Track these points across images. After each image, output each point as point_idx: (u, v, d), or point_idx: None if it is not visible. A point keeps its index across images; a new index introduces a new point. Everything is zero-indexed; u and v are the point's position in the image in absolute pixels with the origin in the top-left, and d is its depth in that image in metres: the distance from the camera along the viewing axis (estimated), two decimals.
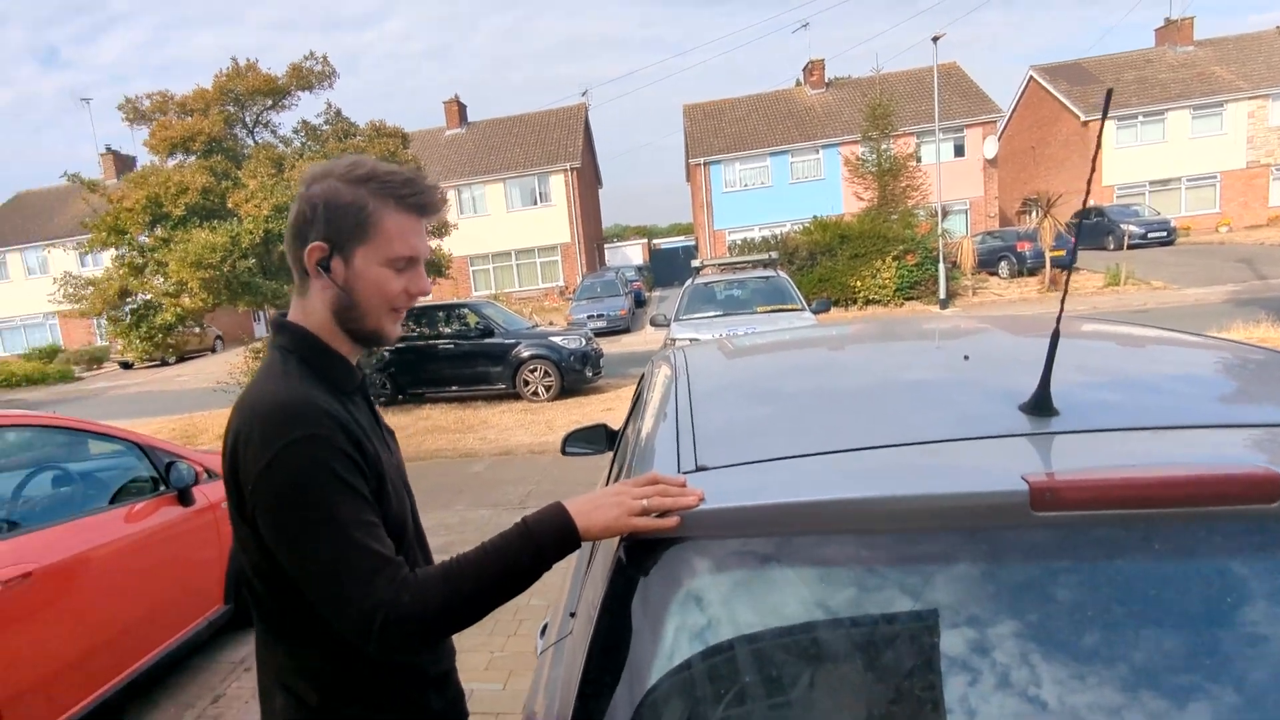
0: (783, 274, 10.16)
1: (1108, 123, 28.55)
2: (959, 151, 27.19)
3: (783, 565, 0.91)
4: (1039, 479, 0.85)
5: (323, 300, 1.11)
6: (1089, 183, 1.11)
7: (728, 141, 29.47)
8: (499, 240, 30.12)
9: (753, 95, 31.87)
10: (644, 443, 1.33)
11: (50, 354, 27.39)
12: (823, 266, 19.37)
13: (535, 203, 30.05)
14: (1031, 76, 32.42)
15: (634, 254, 40.33)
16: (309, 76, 11.09)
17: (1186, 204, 28.45)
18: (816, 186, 28.41)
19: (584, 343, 11.35)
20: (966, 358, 1.48)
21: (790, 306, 9.11)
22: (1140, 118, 28.81)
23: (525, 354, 10.93)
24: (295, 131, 11.72)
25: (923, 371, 1.51)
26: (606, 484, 2.34)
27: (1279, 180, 28.21)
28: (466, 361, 11.06)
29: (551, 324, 14.49)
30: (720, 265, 11.42)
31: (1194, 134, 28.55)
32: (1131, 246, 22.38)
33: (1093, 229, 23.91)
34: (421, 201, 1.11)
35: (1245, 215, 28.02)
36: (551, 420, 9.53)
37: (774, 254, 12.19)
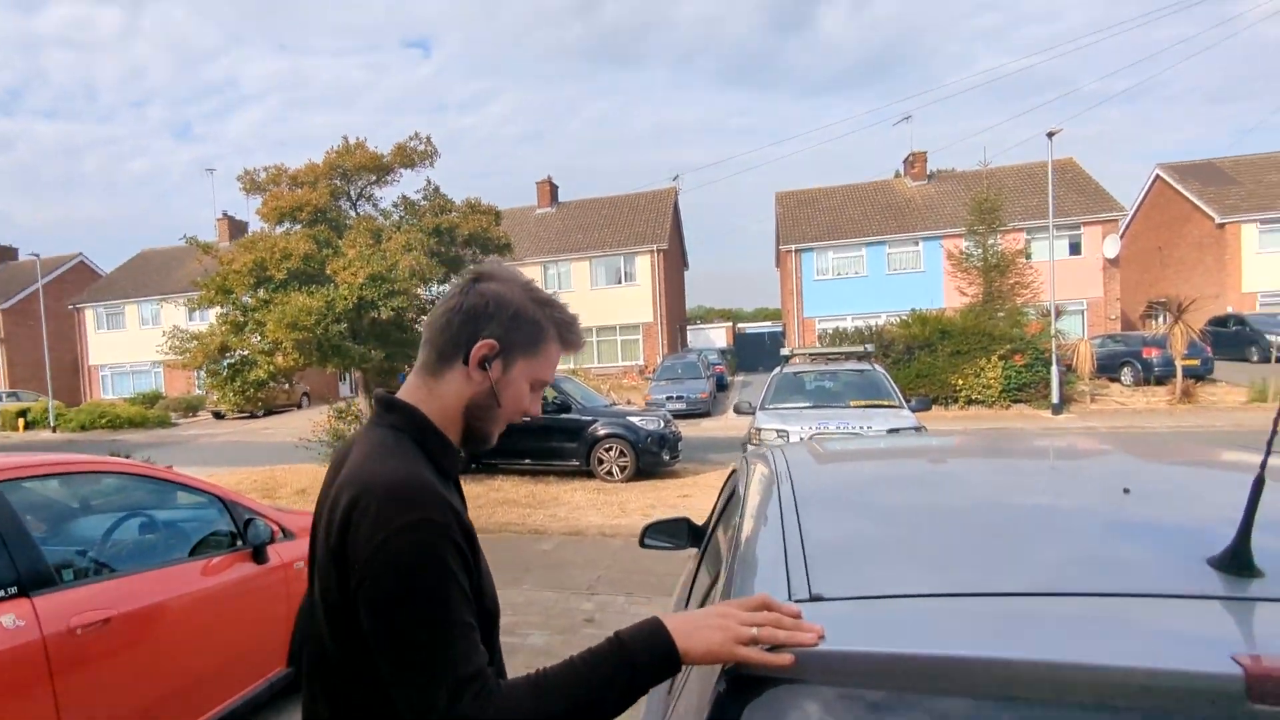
0: (879, 367, 9.96)
1: (1247, 226, 27.51)
2: (1075, 250, 26.46)
3: None
4: (1259, 662, 0.73)
5: (462, 390, 1.15)
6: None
7: (821, 229, 29.91)
8: (582, 316, 30.77)
9: (849, 185, 32.49)
10: (745, 556, 1.25)
11: (152, 400, 29.80)
12: (921, 361, 18.96)
13: (620, 281, 30.87)
14: (1158, 175, 31.62)
15: (717, 336, 40.48)
16: (412, 155, 11.97)
17: None
18: (915, 278, 28.21)
19: (662, 424, 11.33)
20: (1127, 491, 1.33)
21: (886, 402, 8.88)
22: None
23: (601, 432, 10.93)
24: (395, 205, 12.58)
25: (1073, 502, 1.37)
26: (690, 585, 2.19)
27: None
28: (542, 435, 11.09)
29: (630, 403, 14.56)
30: (811, 354, 11.27)
31: None
32: (1278, 360, 20.88)
33: (1233, 338, 22.46)
34: (576, 342, 1.23)
35: None
36: (625, 502, 9.45)
37: (869, 346, 11.97)
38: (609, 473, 10.92)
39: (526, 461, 11.38)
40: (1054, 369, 17.43)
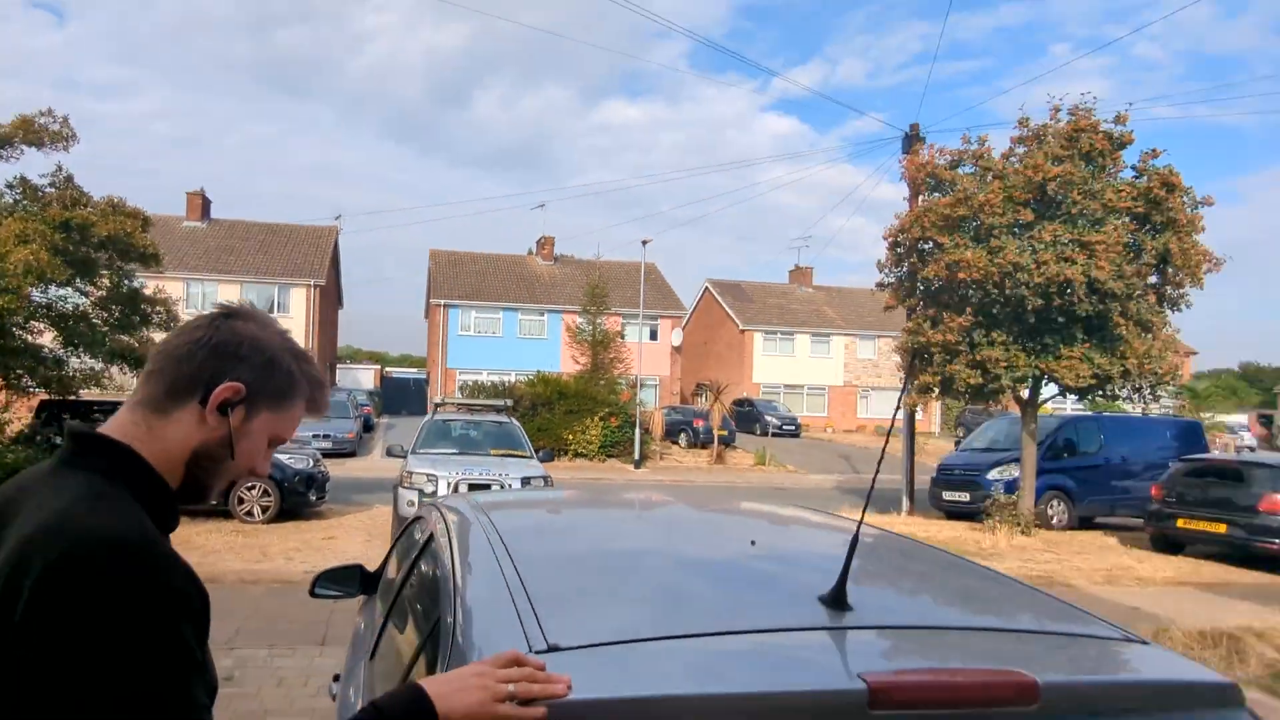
0: (515, 421, 10.49)
1: (758, 334, 35.53)
2: (653, 336, 31.31)
3: None
4: (878, 679, 0.89)
5: (191, 434, 0.92)
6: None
7: (467, 290, 31.44)
8: None
9: (492, 254, 34.66)
10: (470, 610, 1.18)
11: None
12: (542, 417, 20.32)
13: (273, 310, 27.46)
14: (707, 287, 39.13)
15: (365, 378, 38.16)
16: (41, 133, 9.30)
17: (807, 406, 35.66)
18: (540, 344, 30.93)
19: (311, 463, 10.44)
20: (753, 543, 1.54)
21: (520, 453, 9.32)
22: (779, 335, 36.24)
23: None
24: (10, 185, 9.57)
25: (721, 552, 1.58)
26: (376, 635, 2.04)
27: (864, 398, 36.98)
28: None
29: None
30: (458, 404, 11.42)
31: (812, 354, 36.69)
32: (773, 434, 27.13)
33: (747, 416, 28.59)
34: (323, 406, 1.05)
35: (843, 421, 36.00)
36: (266, 545, 8.46)
37: (508, 401, 12.60)
38: (249, 513, 9.76)
39: None
40: (637, 431, 20.23)
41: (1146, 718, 1.01)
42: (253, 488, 9.69)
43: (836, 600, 1.11)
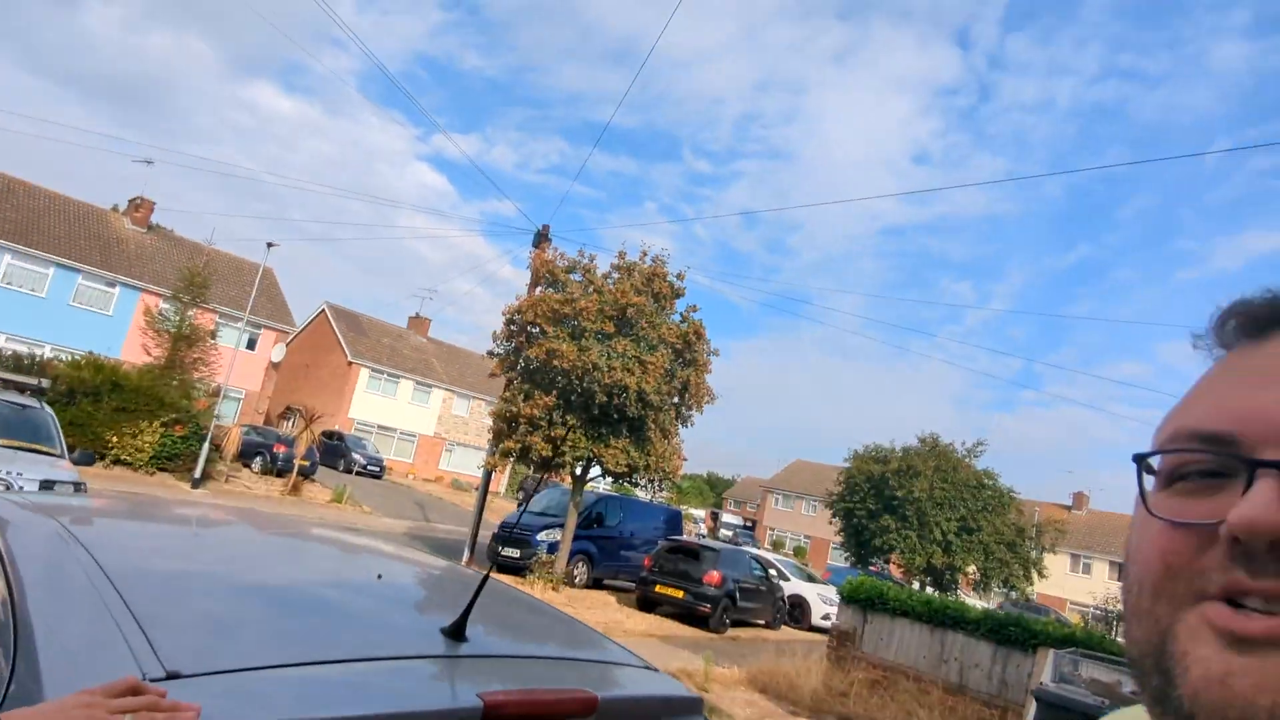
0: (47, 408, 8.68)
1: (365, 370, 34.91)
2: (252, 345, 28.51)
3: None
4: (491, 697, 1.06)
5: None
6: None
7: (9, 227, 24.20)
8: None
9: (62, 195, 27.30)
10: (58, 635, 1.04)
11: None
12: (81, 409, 16.80)
13: None
14: (324, 309, 37.31)
15: None
16: None
17: (396, 450, 35.88)
18: (101, 320, 25.42)
19: None
20: (380, 576, 1.66)
21: (45, 449, 7.73)
22: (385, 376, 36.17)
23: None
24: None
25: (347, 582, 1.63)
26: None
27: (450, 451, 38.67)
28: None
29: None
30: None
31: (413, 400, 37.39)
32: (357, 473, 26.79)
33: (334, 450, 27.69)
34: None
35: (426, 469, 37.02)
36: None
37: (46, 381, 10.82)
38: None
39: None
40: (205, 446, 18.09)
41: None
42: None
43: (457, 632, 1.27)
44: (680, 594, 13.37)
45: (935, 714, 8.37)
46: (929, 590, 22.16)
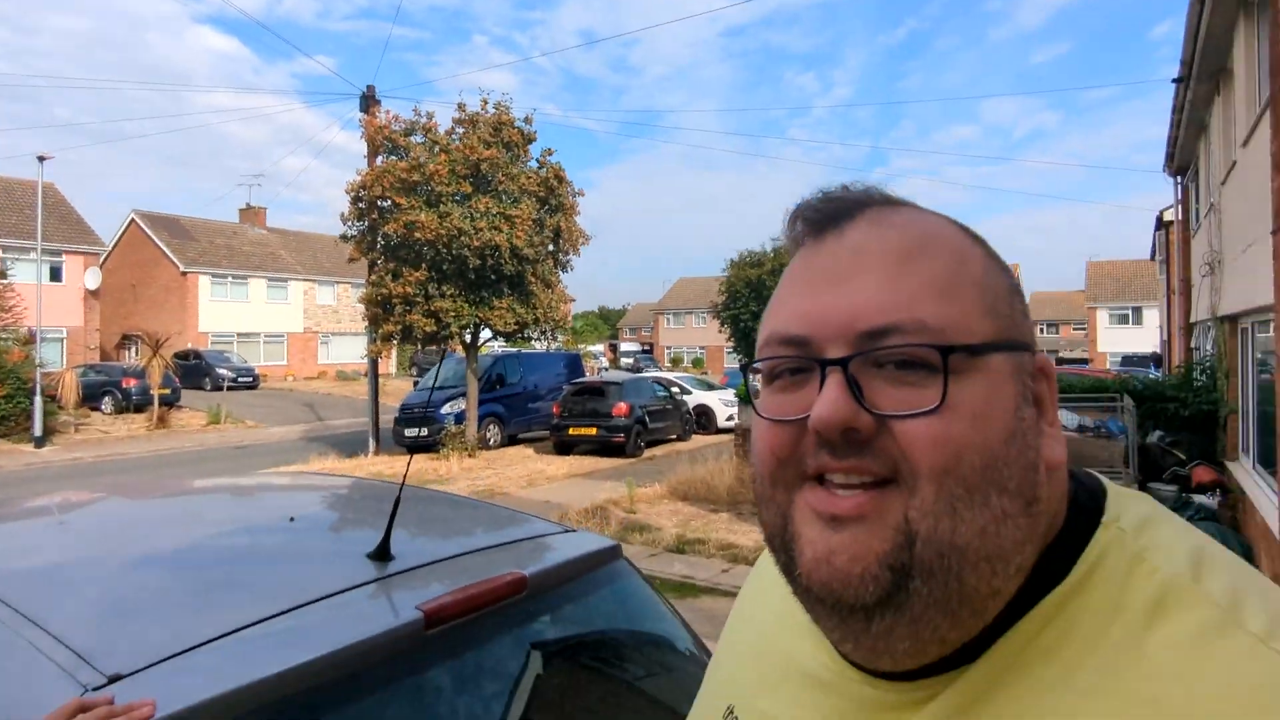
0: None
1: (204, 277, 31.54)
2: (56, 276, 24.94)
3: None
4: (429, 605, 1.14)
5: None
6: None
7: None
8: None
9: None
10: None
11: None
12: None
13: None
14: (134, 219, 32.78)
15: None
16: None
17: (265, 355, 33.58)
18: None
19: None
20: (292, 519, 1.67)
21: None
22: (230, 279, 33.04)
23: None
24: None
25: (263, 536, 1.61)
26: None
27: (326, 344, 36.66)
28: None
29: None
30: None
31: (269, 299, 34.59)
32: (228, 388, 25.03)
33: (194, 370, 25.58)
34: None
35: (304, 369, 35.08)
36: None
37: None
38: None
39: None
40: (37, 400, 16.26)
41: (583, 577, 1.50)
42: None
43: (382, 554, 1.32)
44: (593, 431, 13.88)
45: None
46: None
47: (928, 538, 0.44)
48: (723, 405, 18.35)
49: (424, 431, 14.69)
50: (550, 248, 14.41)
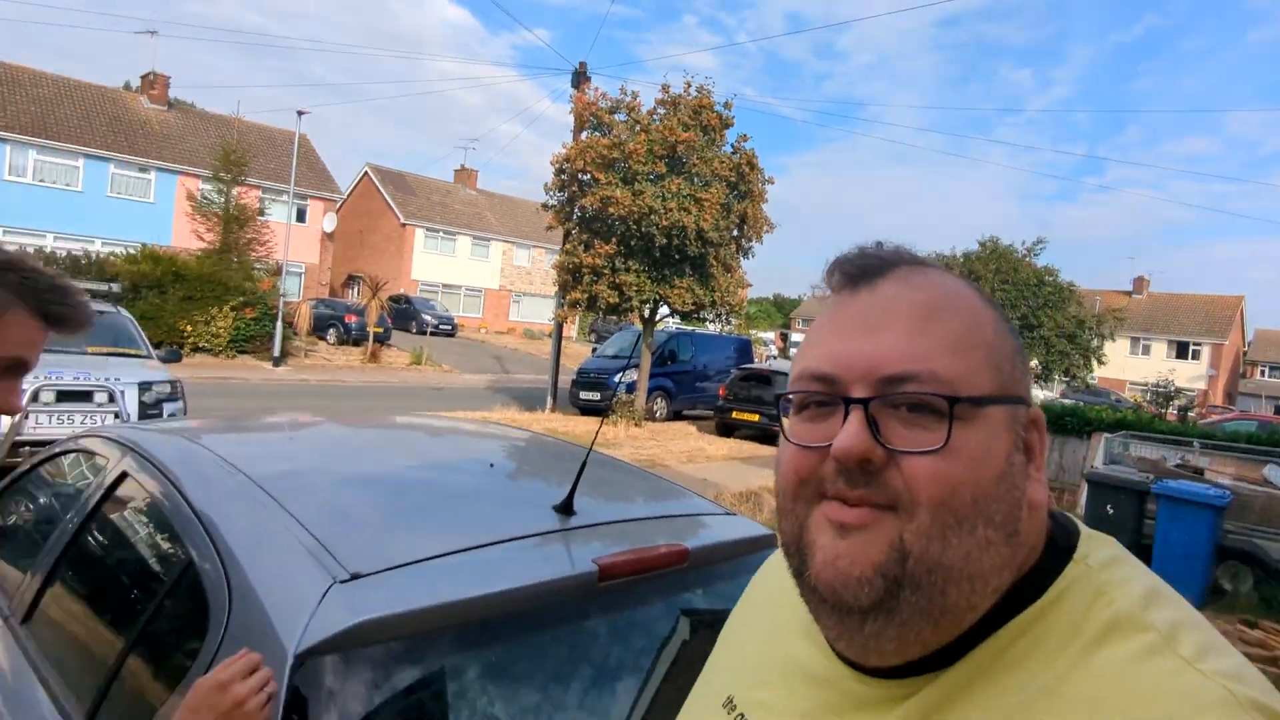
0: (124, 311, 8.69)
1: (419, 230, 34.89)
2: (301, 218, 28.61)
3: (442, 647, 1.11)
4: (603, 560, 1.24)
5: None
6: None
7: (24, 120, 23.53)
8: None
9: (71, 78, 26.32)
10: (244, 551, 1.20)
11: None
12: (148, 302, 17.36)
13: None
14: (367, 172, 36.91)
15: None
16: None
17: (464, 306, 36.72)
18: (142, 208, 25.37)
19: None
20: (492, 465, 1.83)
21: (132, 351, 7.91)
22: (441, 234, 36.28)
23: None
24: None
25: (467, 475, 1.80)
26: (9, 595, 1.80)
27: (517, 302, 39.36)
28: None
29: None
30: None
31: (473, 256, 37.62)
32: (430, 333, 27.67)
33: (403, 313, 28.56)
34: (64, 311, 0.95)
35: (496, 323, 37.99)
36: None
37: (115, 285, 10.98)
38: None
39: None
40: (279, 325, 18.79)
41: (737, 559, 1.57)
42: None
43: (566, 508, 1.44)
44: (756, 417, 13.88)
45: None
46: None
47: (919, 556, 0.52)
48: None
49: (597, 396, 15.52)
50: (734, 232, 14.42)
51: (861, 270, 0.59)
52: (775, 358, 33.54)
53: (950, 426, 0.52)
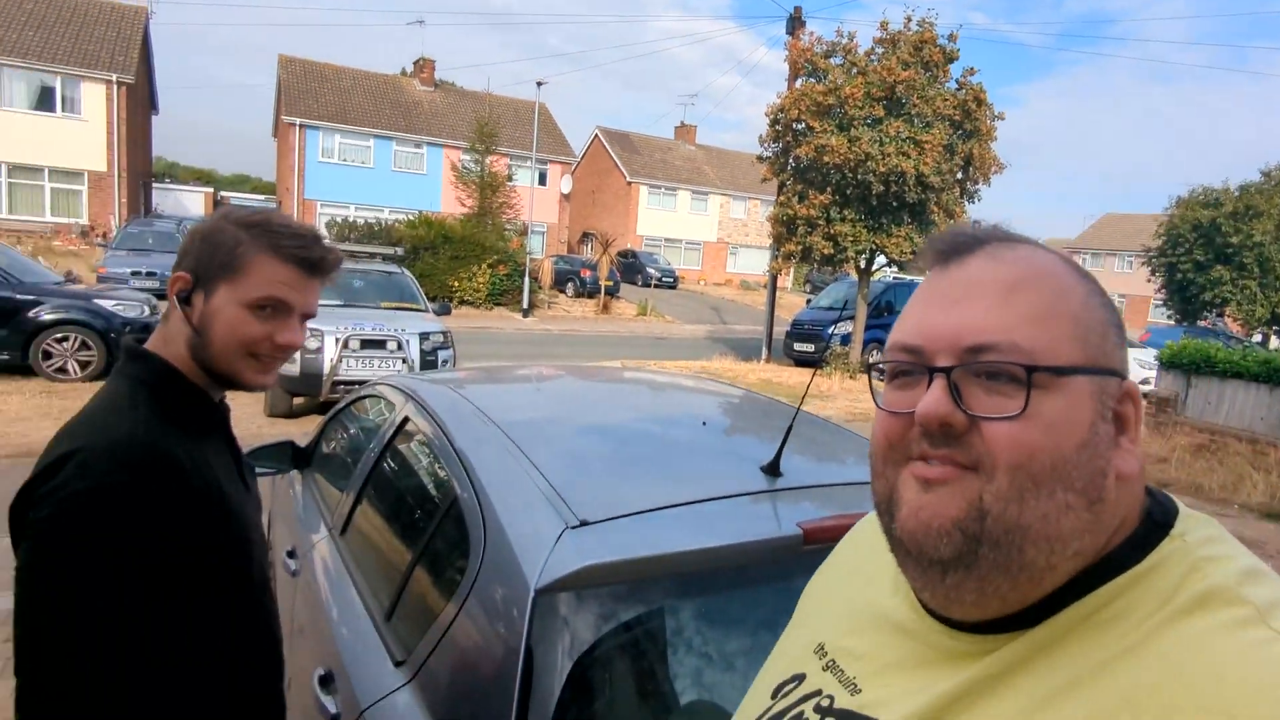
0: (406, 271, 9.74)
1: (644, 187, 36.36)
2: (542, 181, 31.20)
3: (657, 594, 1.17)
4: (808, 524, 1.25)
5: (181, 333, 1.02)
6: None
7: (329, 110, 28.27)
8: None
9: (359, 69, 31.00)
10: (496, 494, 1.35)
11: None
12: (425, 262, 20.06)
13: (56, 109, 22.93)
14: (597, 134, 39.01)
15: (193, 202, 34.23)
16: None
17: (684, 259, 37.86)
18: (417, 180, 29.33)
19: (146, 311, 8.88)
20: (705, 423, 1.84)
21: (414, 306, 8.87)
22: (663, 190, 37.53)
23: (50, 317, 8.18)
24: None
25: (683, 432, 1.80)
26: (320, 508, 2.23)
27: (734, 254, 39.70)
28: None
29: (73, 276, 10.80)
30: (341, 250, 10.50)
31: (692, 210, 38.47)
32: (654, 285, 29.12)
33: (630, 267, 30.26)
34: (306, 256, 1.04)
35: (714, 275, 38.72)
36: None
37: (400, 248, 12.18)
38: (62, 369, 8.26)
39: None
40: (526, 280, 20.81)
41: None
42: (65, 339, 8.26)
43: (773, 468, 1.44)
44: None
45: (1273, 476, 7.73)
46: (1274, 341, 20.77)
47: (997, 516, 0.54)
48: (1137, 366, 15.35)
49: (811, 348, 15.45)
50: (958, 175, 13.38)
51: (953, 248, 0.62)
52: None
53: (1028, 394, 0.54)
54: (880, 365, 0.64)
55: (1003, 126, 13.51)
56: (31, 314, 8.15)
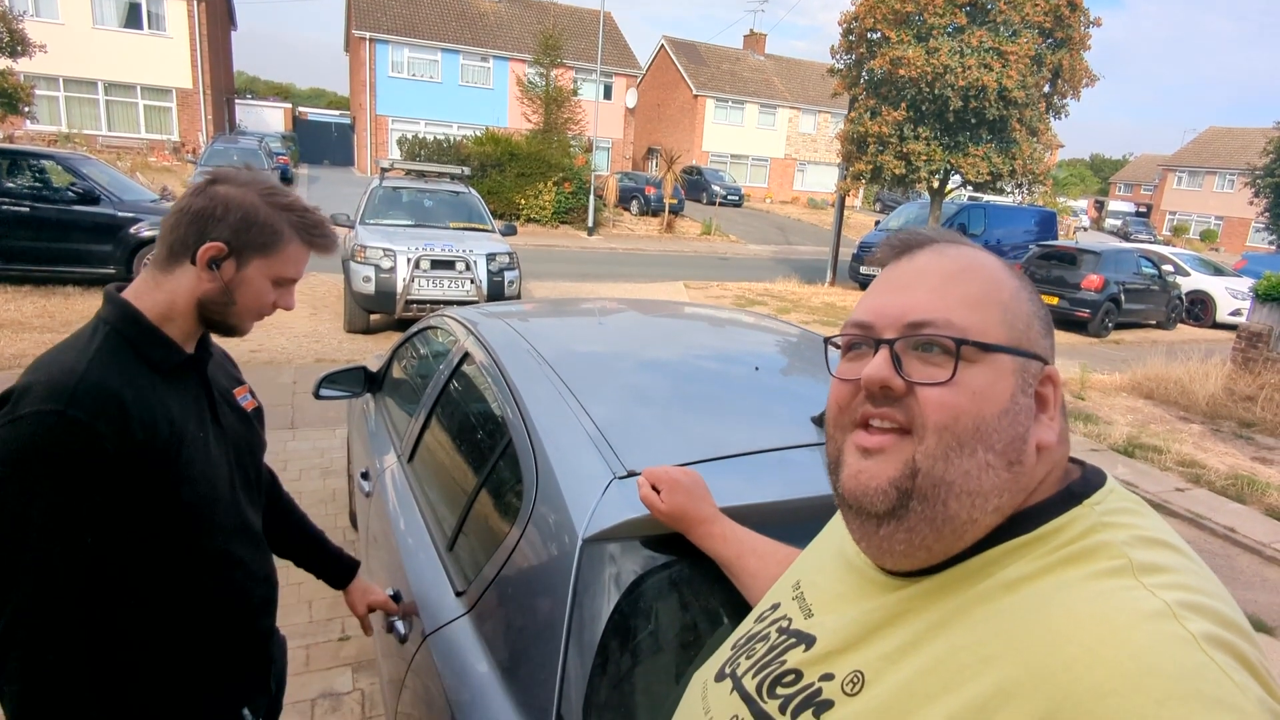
0: (474, 191, 9.52)
1: (710, 100, 34.87)
2: (607, 95, 30.36)
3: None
4: None
5: (193, 287, 1.09)
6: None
7: (398, 22, 27.73)
8: (78, 61, 22.14)
9: None
10: (548, 438, 1.34)
11: None
12: (492, 180, 19.91)
13: (141, 25, 23.10)
14: (663, 45, 37.28)
15: (273, 118, 34.68)
16: None
17: (750, 176, 36.61)
18: (484, 94, 28.86)
19: None
20: (757, 369, 1.78)
21: (481, 226, 8.76)
22: (730, 103, 35.86)
23: (149, 233, 8.26)
24: None
25: (736, 379, 1.74)
26: (389, 426, 2.32)
27: (802, 171, 38.08)
28: (56, 233, 8.11)
29: (169, 192, 10.98)
30: (408, 169, 9.76)
31: (759, 125, 36.78)
32: (719, 204, 28.40)
33: (695, 184, 29.43)
34: (325, 243, 1.18)
35: (781, 192, 37.35)
36: None
37: (467, 169, 12.74)
38: None
39: (28, 268, 8.16)
40: (591, 198, 20.44)
41: None
42: None
43: (822, 420, 1.38)
44: (1055, 300, 12.36)
45: None
46: None
47: (926, 472, 0.61)
48: (1228, 295, 14.38)
49: (877, 272, 14.92)
50: (1046, 89, 12.38)
51: (906, 245, 0.70)
52: (1086, 230, 28.27)
53: (956, 364, 0.61)
54: (836, 340, 0.72)
55: (1098, 33, 12.29)
56: (133, 230, 8.34)
